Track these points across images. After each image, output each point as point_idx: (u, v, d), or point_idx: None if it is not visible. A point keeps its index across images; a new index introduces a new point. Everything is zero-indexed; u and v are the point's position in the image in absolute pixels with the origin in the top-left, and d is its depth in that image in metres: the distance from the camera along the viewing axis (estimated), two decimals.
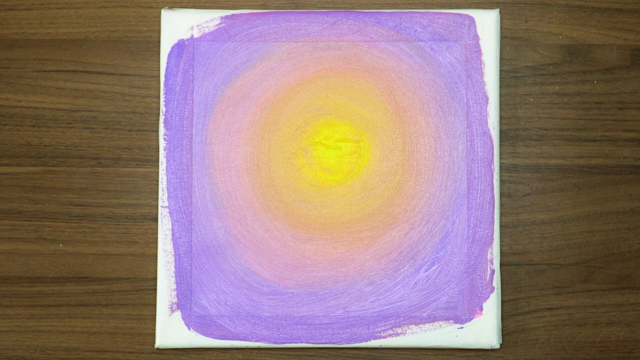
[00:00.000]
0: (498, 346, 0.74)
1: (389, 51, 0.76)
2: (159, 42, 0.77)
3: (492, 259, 0.75)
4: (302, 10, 0.77)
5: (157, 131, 0.77)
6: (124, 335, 0.76)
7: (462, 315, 0.75)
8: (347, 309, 0.75)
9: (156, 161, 0.77)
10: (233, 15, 0.76)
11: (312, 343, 0.75)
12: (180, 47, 0.76)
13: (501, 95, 0.77)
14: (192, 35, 0.76)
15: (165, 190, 0.75)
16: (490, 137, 0.75)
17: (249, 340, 0.75)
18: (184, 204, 0.75)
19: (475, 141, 0.75)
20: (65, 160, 0.77)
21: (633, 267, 0.77)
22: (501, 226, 0.76)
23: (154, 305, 0.76)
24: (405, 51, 0.76)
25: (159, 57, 0.77)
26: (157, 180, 0.77)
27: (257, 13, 0.76)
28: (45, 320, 0.76)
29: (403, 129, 0.76)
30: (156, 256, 0.76)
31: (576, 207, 0.77)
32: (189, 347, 0.75)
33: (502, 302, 0.76)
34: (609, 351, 0.76)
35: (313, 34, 0.76)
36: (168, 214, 0.75)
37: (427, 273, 0.75)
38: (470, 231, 0.75)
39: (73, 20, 0.78)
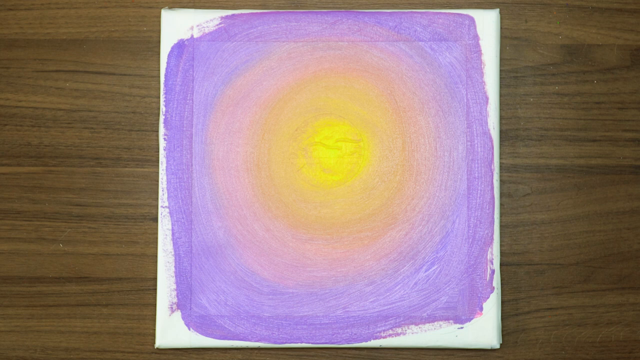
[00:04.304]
0: (498, 346, 0.74)
1: (389, 51, 0.76)
2: (159, 42, 0.77)
3: (492, 259, 0.75)
4: (302, 10, 0.77)
5: (157, 131, 0.77)
6: (124, 335, 0.76)
7: (462, 315, 0.75)
8: (347, 309, 0.75)
9: (156, 161, 0.77)
10: (233, 15, 0.76)
11: (312, 343, 0.75)
12: (180, 47, 0.76)
13: (501, 95, 0.77)
14: (192, 35, 0.76)
15: (165, 190, 0.75)
16: (490, 137, 0.75)
17: (249, 340, 0.75)
18: (184, 204, 0.75)
19: (475, 141, 0.75)
20: (65, 160, 0.77)
21: (633, 267, 0.77)
22: (501, 226, 0.76)
23: (154, 305, 0.76)
24: (405, 51, 0.76)
25: (159, 57, 0.77)
26: (157, 180, 0.77)
27: (257, 13, 0.76)
28: (45, 320, 0.76)
29: (403, 129, 0.76)
30: (156, 256, 0.76)
31: (576, 207, 0.77)
32: (189, 347, 0.75)
33: (502, 302, 0.76)
34: (609, 351, 0.76)
35: (313, 34, 0.76)
36: (168, 214, 0.75)
37: (427, 273, 0.75)
38: (470, 231, 0.75)
39: (73, 20, 0.78)
